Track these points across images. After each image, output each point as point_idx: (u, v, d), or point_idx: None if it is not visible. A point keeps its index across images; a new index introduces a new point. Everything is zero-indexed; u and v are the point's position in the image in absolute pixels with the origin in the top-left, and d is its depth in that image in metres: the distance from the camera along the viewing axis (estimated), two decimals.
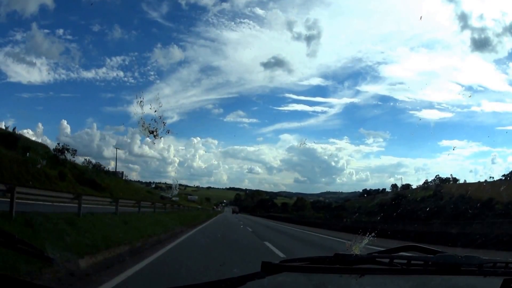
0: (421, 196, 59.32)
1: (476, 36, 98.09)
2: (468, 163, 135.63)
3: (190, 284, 1.23)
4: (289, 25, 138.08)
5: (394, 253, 1.59)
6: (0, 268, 3.64)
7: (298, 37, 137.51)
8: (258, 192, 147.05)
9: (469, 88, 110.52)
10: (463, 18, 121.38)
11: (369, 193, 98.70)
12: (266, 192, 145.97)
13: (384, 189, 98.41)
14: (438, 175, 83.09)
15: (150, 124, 3.49)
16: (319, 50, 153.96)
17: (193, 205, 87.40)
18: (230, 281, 1.24)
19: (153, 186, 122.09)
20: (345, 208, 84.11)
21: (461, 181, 68.16)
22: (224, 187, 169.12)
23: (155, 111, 3.57)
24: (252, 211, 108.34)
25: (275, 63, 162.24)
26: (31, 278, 3.71)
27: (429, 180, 78.46)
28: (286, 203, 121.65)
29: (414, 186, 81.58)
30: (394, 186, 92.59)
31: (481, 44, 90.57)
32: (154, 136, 3.60)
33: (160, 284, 4.83)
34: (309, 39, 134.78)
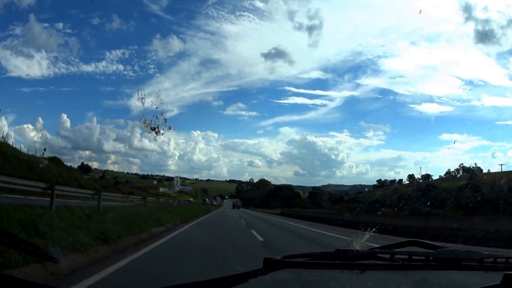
0: (454, 186, 55.61)
1: (480, 27, 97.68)
2: (467, 157, 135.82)
3: (193, 281, 1.24)
4: (290, 15, 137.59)
5: (395, 248, 1.60)
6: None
7: (299, 27, 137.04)
8: (264, 181, 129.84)
9: (470, 82, 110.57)
10: (466, 10, 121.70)
11: (384, 184, 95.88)
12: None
13: (400, 180, 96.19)
14: (462, 163, 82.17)
15: (151, 120, 3.48)
16: (319, 41, 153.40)
17: (184, 197, 75.34)
18: (232, 278, 1.25)
19: (155, 182, 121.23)
20: (359, 200, 72.64)
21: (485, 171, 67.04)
22: (224, 180, 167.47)
23: (157, 107, 3.56)
24: (261, 205, 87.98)
25: (276, 54, 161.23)
26: None
27: (452, 169, 77.48)
28: (316, 193, 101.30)
29: (435, 177, 79.43)
30: (411, 176, 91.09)
31: (484, 36, 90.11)
32: (156, 132, 3.60)
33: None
34: (310, 29, 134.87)
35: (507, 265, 1.55)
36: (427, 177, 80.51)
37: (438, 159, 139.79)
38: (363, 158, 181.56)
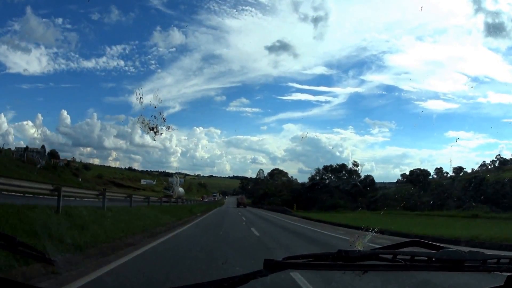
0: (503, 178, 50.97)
1: (489, 20, 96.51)
2: (474, 155, 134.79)
3: (193, 283, 1.23)
4: (295, 6, 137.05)
5: (398, 249, 1.58)
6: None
7: (304, 18, 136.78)
8: (278, 172, 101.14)
9: (475, 79, 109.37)
10: (473, 5, 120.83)
11: (410, 180, 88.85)
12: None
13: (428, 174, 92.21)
14: (499, 154, 79.33)
15: (149, 120, 3.46)
16: (325, 34, 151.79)
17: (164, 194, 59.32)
18: (233, 280, 1.23)
19: (155, 182, 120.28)
20: (387, 198, 55.51)
21: None
22: (227, 176, 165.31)
23: (155, 107, 3.55)
24: (307, 205, 53.65)
25: (280, 47, 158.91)
26: None
27: (487, 162, 74.56)
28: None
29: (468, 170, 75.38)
30: (439, 170, 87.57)
31: (493, 30, 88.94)
32: (155, 132, 3.59)
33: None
34: (315, 20, 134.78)
35: (510, 266, 1.52)
36: (459, 170, 77.77)
37: (444, 157, 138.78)
38: (367, 155, 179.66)
